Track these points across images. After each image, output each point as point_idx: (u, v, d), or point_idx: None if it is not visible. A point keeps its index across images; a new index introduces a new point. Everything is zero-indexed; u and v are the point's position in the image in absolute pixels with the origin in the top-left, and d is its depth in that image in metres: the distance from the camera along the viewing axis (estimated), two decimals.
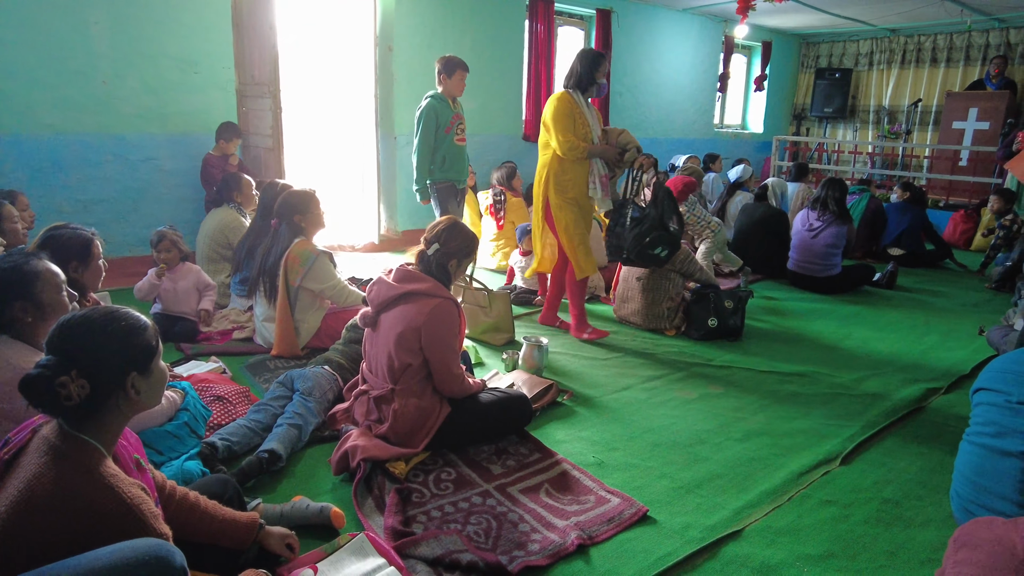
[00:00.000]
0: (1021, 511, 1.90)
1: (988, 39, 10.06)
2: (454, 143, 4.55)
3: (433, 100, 4.47)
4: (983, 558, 1.17)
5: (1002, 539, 1.17)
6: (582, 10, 8.27)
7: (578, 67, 3.82)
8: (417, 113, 4.49)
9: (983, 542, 1.20)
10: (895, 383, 3.49)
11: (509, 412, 2.67)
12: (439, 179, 4.60)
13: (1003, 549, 1.15)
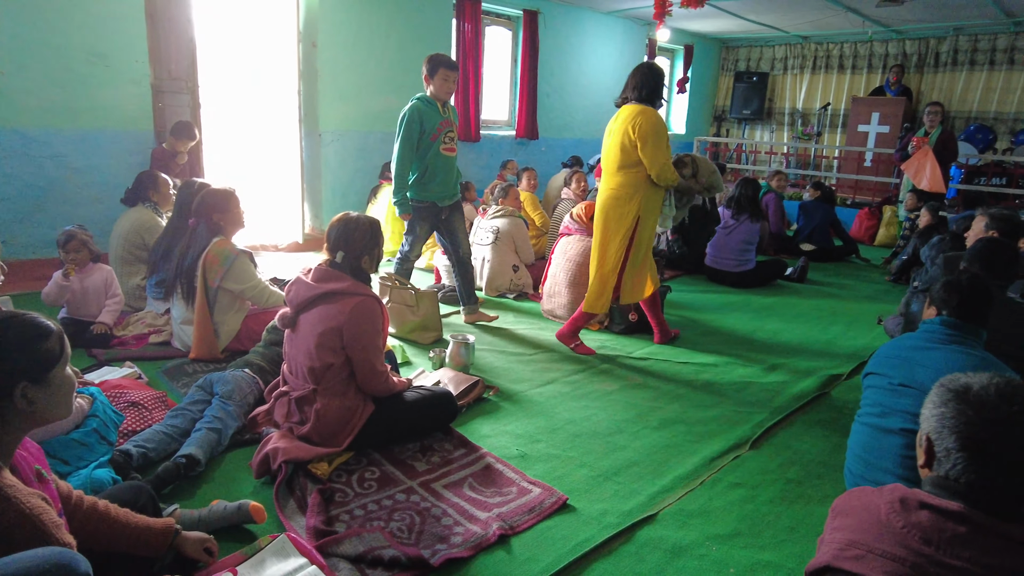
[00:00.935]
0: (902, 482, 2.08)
1: (887, 49, 10.76)
2: (440, 153, 3.94)
3: (418, 102, 3.91)
4: (854, 523, 1.29)
5: (869, 505, 1.29)
6: (509, 10, 8.35)
7: (649, 81, 3.56)
8: (400, 117, 3.91)
9: (855, 509, 1.32)
10: (802, 371, 3.71)
11: (434, 409, 2.70)
12: (415, 197, 4.00)
13: (870, 514, 1.27)
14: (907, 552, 1.18)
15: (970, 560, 1.13)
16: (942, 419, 1.24)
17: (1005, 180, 8.66)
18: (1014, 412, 1.16)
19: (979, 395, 1.20)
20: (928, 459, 1.28)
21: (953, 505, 1.18)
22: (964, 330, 2.18)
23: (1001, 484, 1.17)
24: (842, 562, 1.25)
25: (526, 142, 8.70)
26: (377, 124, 6.91)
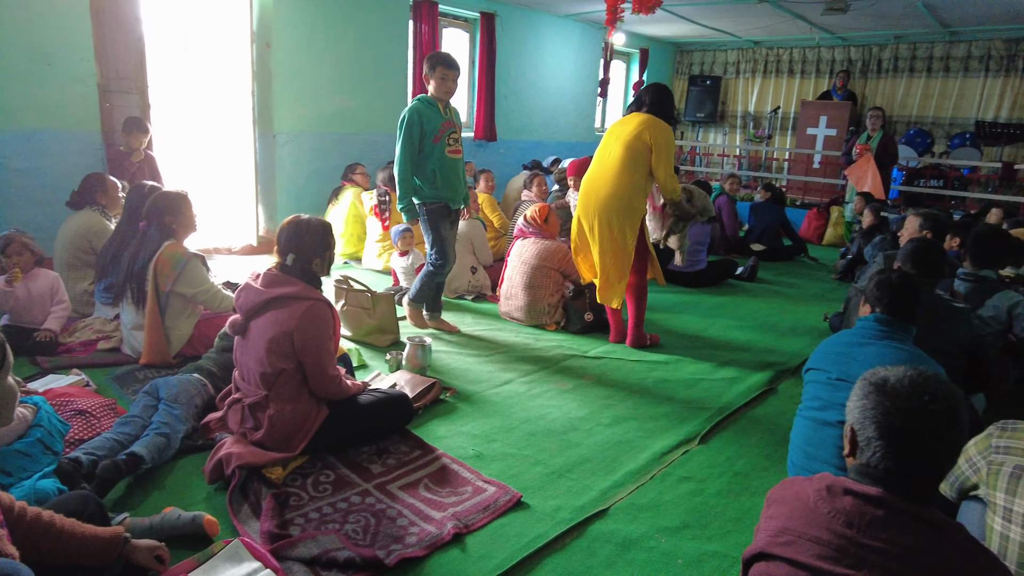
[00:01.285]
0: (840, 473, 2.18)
1: (834, 55, 11.13)
2: (446, 155, 3.85)
3: (418, 103, 3.81)
4: (786, 511, 1.36)
5: (800, 494, 1.37)
6: (466, 12, 8.37)
7: (667, 100, 3.82)
8: (400, 119, 3.83)
9: (787, 498, 1.40)
10: (750, 367, 3.84)
11: (389, 412, 2.72)
12: (429, 198, 3.86)
13: (800, 501, 1.35)
14: (832, 535, 1.25)
15: (887, 541, 1.21)
16: (863, 410, 1.32)
17: (942, 182, 9.05)
18: (925, 402, 1.25)
19: (895, 387, 1.29)
20: (852, 448, 1.36)
21: (873, 490, 1.27)
22: (895, 326, 2.30)
23: (915, 469, 1.25)
24: (774, 548, 1.32)
25: (484, 144, 8.74)
26: (333, 125, 6.86)
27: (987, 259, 3.51)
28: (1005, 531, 1.55)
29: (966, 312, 2.93)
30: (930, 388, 1.27)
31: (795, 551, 1.28)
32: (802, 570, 1.26)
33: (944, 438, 1.24)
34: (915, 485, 1.26)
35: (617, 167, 3.76)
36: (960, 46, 10.03)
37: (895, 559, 1.19)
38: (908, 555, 1.19)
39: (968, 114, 10.04)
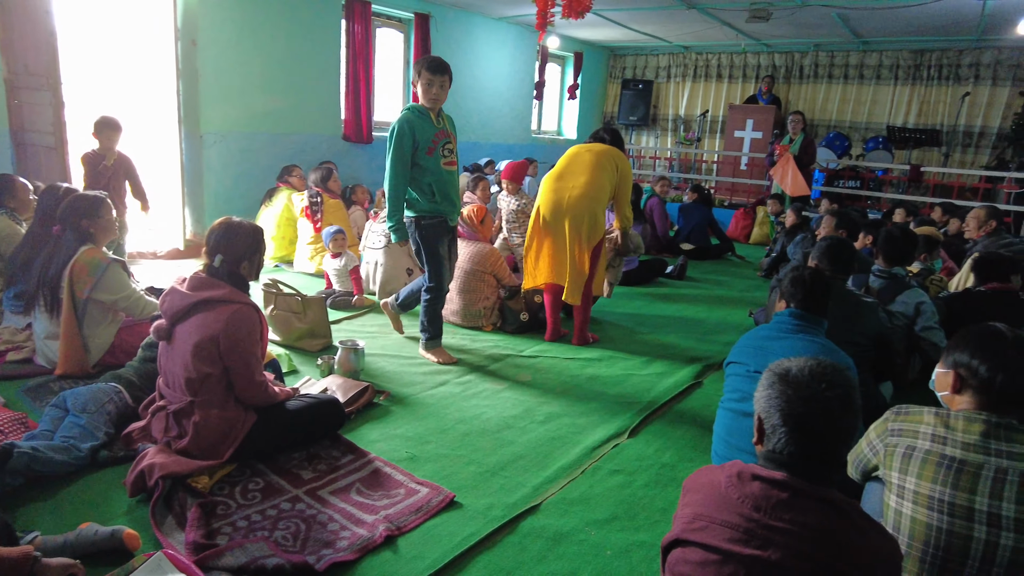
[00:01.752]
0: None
1: (759, 60, 11.59)
2: (442, 168, 3.54)
3: (408, 112, 3.48)
4: (700, 498, 1.43)
5: (713, 481, 1.44)
6: (401, 13, 8.32)
7: (621, 142, 4.16)
8: (390, 130, 3.50)
9: (701, 486, 1.47)
10: (679, 362, 3.96)
11: (319, 417, 2.69)
12: (426, 212, 3.53)
13: (713, 488, 1.42)
14: (741, 519, 1.32)
15: (791, 521, 1.29)
16: (768, 399, 1.40)
17: (859, 183, 9.56)
18: (822, 389, 1.34)
19: (796, 376, 1.38)
20: (760, 436, 1.44)
21: (778, 475, 1.34)
22: (809, 320, 2.43)
23: (815, 453, 1.34)
24: (689, 534, 1.38)
25: None
26: (264, 125, 6.70)
27: (897, 257, 3.72)
28: (899, 507, 1.67)
29: (875, 306, 3.12)
30: (827, 376, 1.36)
31: (708, 536, 1.35)
32: (714, 553, 1.33)
33: (840, 422, 1.33)
34: (816, 468, 1.34)
35: (589, 171, 3.93)
36: (872, 55, 10.62)
37: (798, 538, 1.27)
38: (810, 534, 1.27)
39: (881, 119, 10.64)
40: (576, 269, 3.95)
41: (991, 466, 1.56)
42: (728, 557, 1.31)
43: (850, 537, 1.28)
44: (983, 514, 1.55)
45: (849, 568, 1.24)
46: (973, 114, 9.96)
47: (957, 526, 1.57)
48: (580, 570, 2.07)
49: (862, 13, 8.04)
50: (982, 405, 1.65)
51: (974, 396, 1.67)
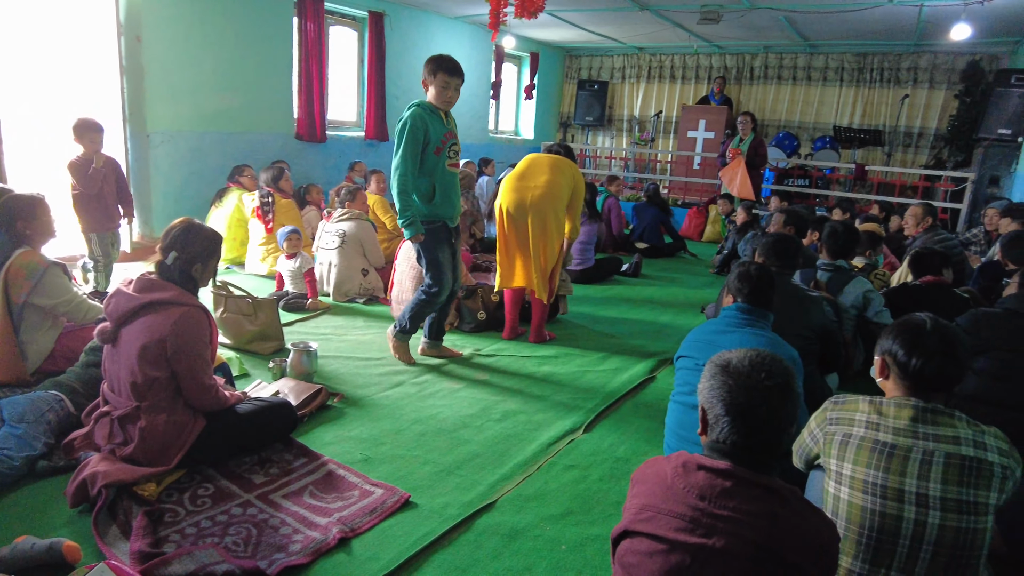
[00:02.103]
0: None
1: (711, 62, 11.83)
2: (447, 169, 3.47)
3: (419, 108, 3.35)
4: (647, 489, 1.46)
5: (660, 472, 1.47)
6: (354, 11, 8.23)
7: (569, 155, 4.21)
8: (399, 124, 3.36)
9: (648, 477, 1.50)
10: (633, 358, 4.03)
11: (271, 420, 2.64)
12: (425, 217, 3.44)
13: (660, 479, 1.45)
14: (687, 508, 1.36)
15: (734, 509, 1.33)
16: (711, 390, 1.44)
17: (807, 181, 9.85)
18: (762, 379, 1.38)
19: (737, 367, 1.42)
20: (704, 426, 1.48)
21: (722, 464, 1.38)
22: (755, 314, 2.50)
23: (756, 442, 1.38)
24: (637, 525, 1.41)
25: (376, 143, 8.62)
26: (214, 124, 6.55)
27: (840, 252, 3.89)
28: (838, 492, 1.73)
29: (819, 300, 3.22)
30: (767, 366, 1.41)
31: (655, 526, 1.38)
32: (661, 543, 1.36)
33: (780, 410, 1.37)
34: (758, 457, 1.38)
35: (549, 171, 4.01)
36: (819, 57, 10.95)
37: (741, 525, 1.31)
38: (752, 520, 1.31)
39: (828, 119, 10.99)
40: (540, 265, 3.99)
41: (919, 449, 1.64)
42: (674, 546, 1.34)
43: (791, 522, 1.32)
44: (912, 495, 1.62)
45: (790, 552, 1.29)
46: (913, 115, 10.36)
47: (889, 507, 1.64)
48: (535, 565, 2.09)
49: (808, 16, 8.29)
50: (907, 390, 1.73)
51: (897, 381, 1.74)
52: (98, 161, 4.37)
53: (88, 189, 4.34)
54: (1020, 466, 1.67)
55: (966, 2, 6.77)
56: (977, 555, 1.62)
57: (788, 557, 1.28)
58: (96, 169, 4.35)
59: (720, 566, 1.29)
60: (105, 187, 4.43)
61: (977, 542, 1.61)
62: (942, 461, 1.61)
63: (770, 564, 1.28)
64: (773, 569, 1.28)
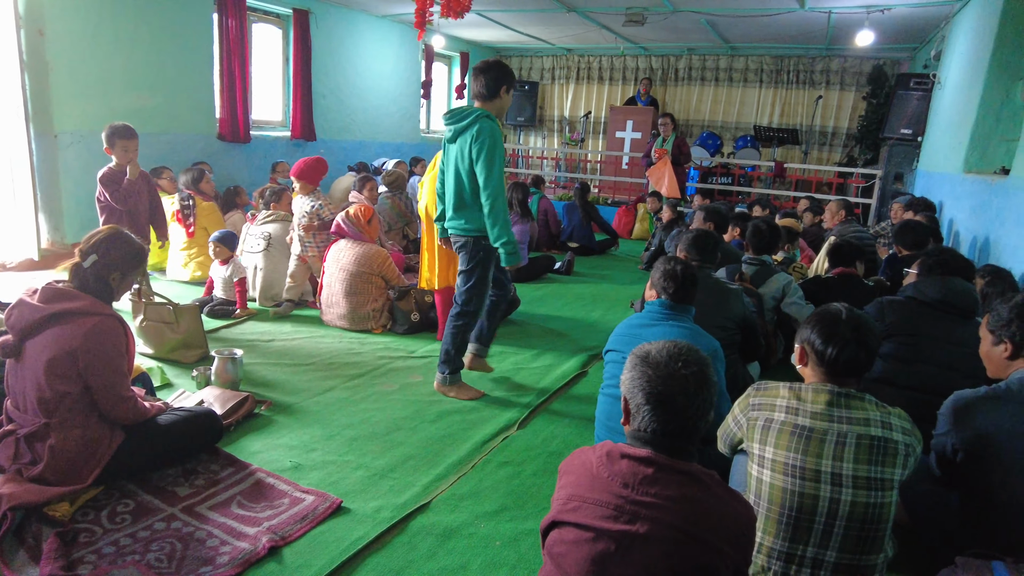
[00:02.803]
0: None
1: (637, 63, 12.13)
2: (505, 183, 3.34)
3: (494, 122, 3.08)
4: (574, 479, 1.49)
5: (585, 462, 1.50)
6: (278, 8, 8.02)
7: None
8: (482, 138, 2.99)
9: (575, 468, 1.53)
10: (566, 353, 4.08)
11: (194, 430, 2.55)
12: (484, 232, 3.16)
13: (586, 469, 1.48)
14: (611, 496, 1.39)
15: (656, 495, 1.37)
16: (632, 381, 1.48)
17: (730, 179, 10.23)
18: (679, 368, 1.43)
19: (656, 358, 1.46)
20: (627, 416, 1.52)
21: (644, 452, 1.43)
22: (677, 308, 2.58)
23: (675, 429, 1.43)
24: (564, 515, 1.44)
25: (303, 143, 8.43)
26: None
27: (763, 247, 4.08)
28: (760, 475, 1.81)
29: (739, 292, 3.35)
30: (683, 356, 1.46)
31: (581, 515, 1.41)
32: (587, 531, 1.39)
33: (696, 397, 1.42)
34: (677, 443, 1.43)
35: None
36: (739, 59, 11.40)
37: (663, 510, 1.35)
38: (674, 505, 1.36)
39: (749, 119, 11.44)
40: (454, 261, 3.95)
41: (834, 431, 1.73)
42: (600, 534, 1.37)
43: (710, 506, 1.37)
44: (827, 475, 1.71)
45: (709, 534, 1.34)
46: (826, 116, 10.92)
47: (807, 488, 1.73)
48: (470, 563, 2.09)
49: (727, 20, 8.61)
50: (823, 377, 1.83)
51: (815, 368, 1.84)
52: (132, 172, 4.02)
53: (121, 204, 3.99)
54: (921, 443, 1.80)
55: (868, 10, 7.19)
56: (884, 527, 1.73)
57: (708, 539, 1.33)
58: (130, 181, 4.01)
59: (643, 551, 1.33)
60: (139, 203, 4.09)
61: (884, 515, 1.72)
62: (854, 442, 1.71)
63: (691, 547, 1.33)
64: (694, 551, 1.33)
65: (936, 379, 2.64)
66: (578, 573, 1.38)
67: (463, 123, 3.08)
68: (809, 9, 7.50)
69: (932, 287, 2.83)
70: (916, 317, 2.79)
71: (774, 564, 1.78)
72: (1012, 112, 5.25)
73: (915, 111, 7.94)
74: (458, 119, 3.10)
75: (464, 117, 3.08)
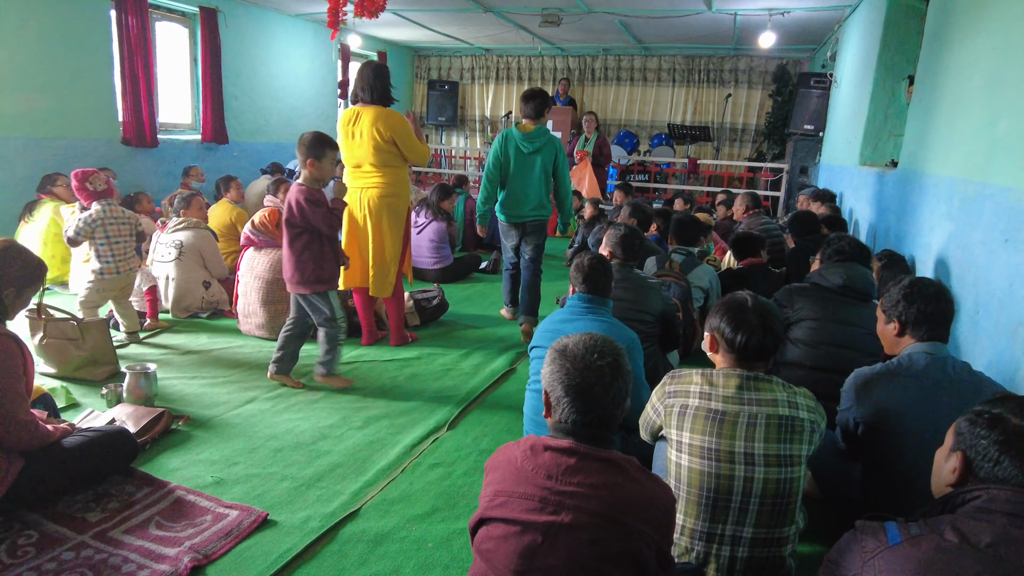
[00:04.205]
0: None
1: (555, 63, 12.30)
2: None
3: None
4: (499, 475, 1.51)
5: (511, 458, 1.53)
6: (183, 6, 7.68)
7: (378, 82, 3.77)
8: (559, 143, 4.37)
9: (500, 464, 1.55)
10: (494, 352, 4.11)
11: (105, 451, 2.41)
12: None
13: (511, 464, 1.51)
14: (536, 489, 1.42)
15: (578, 484, 1.40)
16: (552, 373, 1.51)
17: (647, 176, 10.54)
18: (595, 359, 1.47)
19: (572, 350, 1.50)
20: (548, 409, 1.55)
21: (565, 442, 1.46)
22: (595, 302, 2.64)
23: (594, 418, 1.47)
24: (491, 511, 1.46)
25: (215, 147, 8.11)
26: (18, 128, 5.84)
27: (686, 240, 4.28)
28: (679, 460, 1.88)
29: (658, 287, 3.47)
30: (599, 347, 1.50)
31: (507, 510, 1.43)
32: (515, 525, 1.41)
33: (611, 387, 1.47)
34: (596, 432, 1.47)
35: (365, 166, 3.82)
36: (653, 60, 11.75)
37: (586, 498, 1.39)
38: (596, 492, 1.40)
39: (663, 117, 11.82)
40: (382, 262, 3.92)
41: (745, 413, 1.82)
42: (527, 526, 1.39)
43: (631, 490, 1.42)
44: (741, 455, 1.80)
45: (631, 518, 1.39)
46: (736, 113, 11.42)
47: (723, 469, 1.81)
48: (402, 567, 2.08)
49: (639, 21, 8.86)
50: (733, 362, 1.92)
51: (725, 354, 1.93)
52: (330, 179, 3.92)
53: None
54: (825, 419, 1.92)
55: (770, 13, 7.57)
56: (794, 500, 1.84)
57: (631, 523, 1.38)
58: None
59: (569, 540, 1.36)
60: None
61: (794, 489, 1.83)
62: (764, 422, 1.81)
63: (615, 531, 1.37)
64: (618, 536, 1.37)
65: (840, 359, 2.82)
66: (507, 567, 1.40)
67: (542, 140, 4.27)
68: (716, 11, 7.82)
69: (834, 273, 3.01)
70: (820, 302, 2.97)
71: (696, 545, 1.85)
72: (898, 110, 5.65)
73: (816, 108, 8.43)
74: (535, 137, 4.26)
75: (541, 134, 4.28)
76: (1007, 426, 1.26)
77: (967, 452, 1.31)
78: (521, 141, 4.22)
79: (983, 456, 1.27)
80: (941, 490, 1.37)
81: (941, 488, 1.38)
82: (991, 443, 1.26)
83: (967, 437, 1.32)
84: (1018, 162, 2.60)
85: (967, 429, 1.33)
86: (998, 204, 2.70)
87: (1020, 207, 2.49)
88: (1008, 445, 1.25)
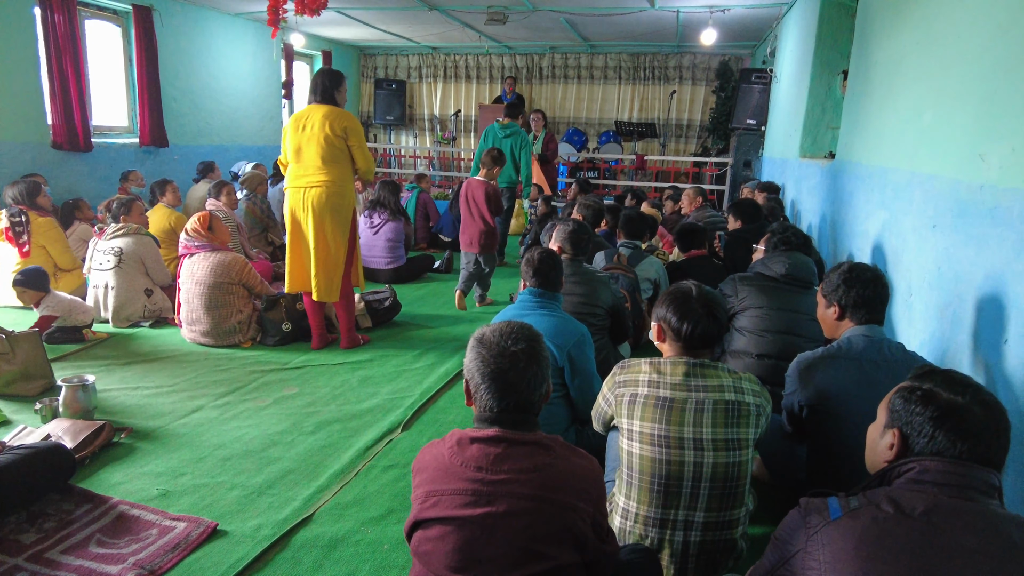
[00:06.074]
0: None
1: (503, 62, 12.31)
2: None
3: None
4: (429, 475, 1.49)
5: (438, 455, 1.51)
6: (115, 4, 7.39)
7: (329, 85, 3.83)
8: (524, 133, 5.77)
9: (428, 463, 1.52)
10: (448, 351, 4.09)
11: (39, 468, 2.30)
12: None
13: (438, 462, 1.49)
14: (467, 483, 1.41)
15: (508, 471, 1.41)
16: (472, 362, 1.51)
17: (596, 173, 10.65)
18: (509, 345, 1.48)
19: (489, 338, 1.51)
20: (469, 397, 1.54)
21: (491, 431, 1.46)
22: (546, 296, 2.66)
23: (513, 403, 1.47)
24: (424, 513, 1.44)
25: (154, 150, 7.84)
26: None
27: (635, 234, 4.38)
28: (630, 448, 1.91)
29: (607, 281, 3.50)
30: (515, 334, 1.51)
31: (441, 509, 1.41)
32: (450, 523, 1.40)
33: (527, 371, 1.47)
34: (517, 416, 1.48)
35: (314, 162, 3.75)
36: (599, 57, 11.87)
37: (518, 484, 1.39)
38: (527, 476, 1.40)
39: (611, 115, 11.95)
40: (326, 267, 3.84)
41: (692, 400, 1.86)
42: (463, 522, 1.38)
43: (559, 468, 1.43)
44: (690, 441, 1.83)
45: (562, 495, 1.40)
46: (681, 109, 11.64)
47: (673, 455, 1.84)
48: (358, 570, 2.05)
49: (584, 19, 8.94)
50: (679, 350, 1.95)
51: (672, 343, 1.96)
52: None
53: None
54: (770, 403, 1.97)
55: (711, 10, 7.73)
56: (743, 483, 1.88)
57: (564, 500, 1.39)
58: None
59: (506, 528, 1.37)
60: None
61: (742, 472, 1.87)
62: (711, 408, 1.84)
63: (549, 511, 1.38)
64: (552, 514, 1.38)
65: (784, 345, 2.90)
66: (447, 565, 1.39)
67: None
68: (659, 8, 7.95)
69: (778, 263, 3.10)
70: (765, 291, 3.05)
71: (650, 531, 1.88)
72: (835, 103, 5.85)
73: (757, 103, 8.65)
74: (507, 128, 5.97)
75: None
76: (939, 401, 1.31)
77: (903, 428, 1.35)
78: (498, 131, 6.18)
79: (918, 432, 1.32)
80: (877, 465, 1.42)
81: (877, 463, 1.42)
82: (925, 419, 1.31)
83: (902, 414, 1.36)
84: (943, 151, 2.72)
85: (902, 406, 1.37)
86: (926, 191, 2.82)
87: (945, 193, 2.60)
88: (941, 421, 1.30)
